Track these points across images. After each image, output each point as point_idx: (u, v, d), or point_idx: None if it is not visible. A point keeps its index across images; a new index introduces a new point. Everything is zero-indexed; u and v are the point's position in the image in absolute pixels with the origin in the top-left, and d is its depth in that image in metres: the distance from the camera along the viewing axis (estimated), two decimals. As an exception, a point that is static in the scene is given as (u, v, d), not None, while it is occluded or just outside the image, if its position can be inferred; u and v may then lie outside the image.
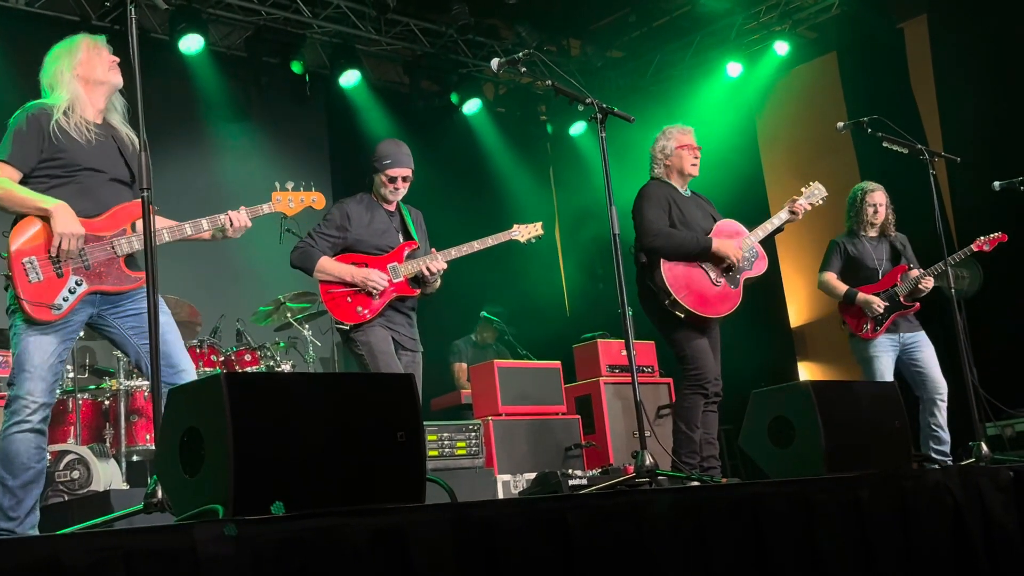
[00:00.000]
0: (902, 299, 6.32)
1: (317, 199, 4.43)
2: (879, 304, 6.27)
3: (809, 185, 5.93)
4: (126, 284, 3.80)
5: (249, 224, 4.08)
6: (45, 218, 3.65)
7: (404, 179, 5.25)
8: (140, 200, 3.21)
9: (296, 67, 9.28)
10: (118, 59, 3.97)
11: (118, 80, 3.98)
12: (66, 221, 3.64)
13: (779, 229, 5.81)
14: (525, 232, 5.54)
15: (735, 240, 5.58)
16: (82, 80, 3.91)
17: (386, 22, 9.42)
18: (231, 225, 4.01)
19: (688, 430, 5.39)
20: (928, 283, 6.30)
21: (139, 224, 3.68)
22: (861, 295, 6.31)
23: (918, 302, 6.37)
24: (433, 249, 5.27)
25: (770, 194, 10.18)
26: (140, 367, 4.03)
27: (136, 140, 3.86)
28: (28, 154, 3.73)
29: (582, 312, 10.92)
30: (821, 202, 5.90)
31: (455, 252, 5.25)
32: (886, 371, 6.27)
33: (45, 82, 3.95)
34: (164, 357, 3.77)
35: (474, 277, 8.16)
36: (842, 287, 6.40)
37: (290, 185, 4.35)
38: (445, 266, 5.20)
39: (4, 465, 3.59)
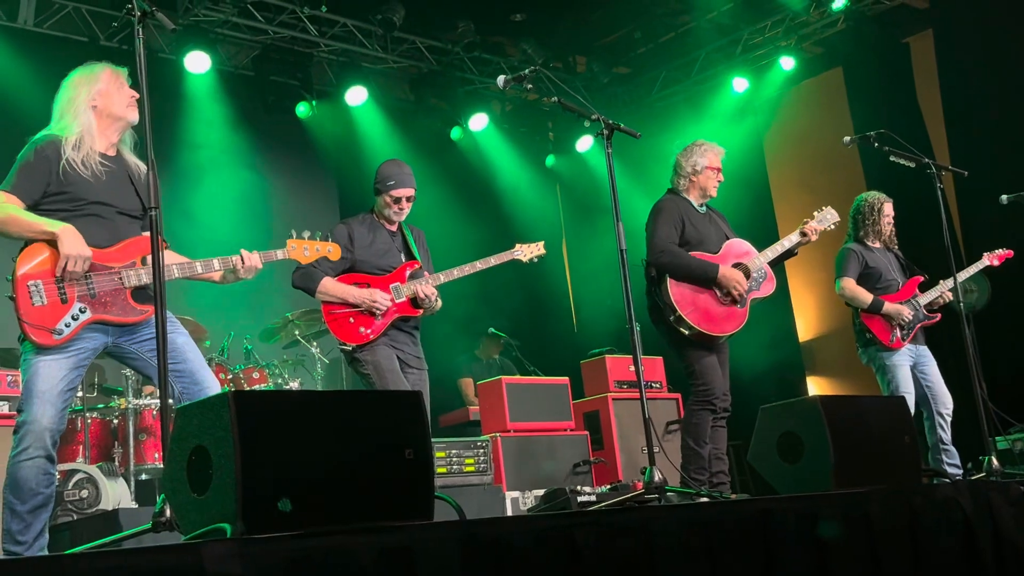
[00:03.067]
0: (924, 310, 6.31)
1: (333, 250, 4.38)
2: (908, 313, 6.25)
3: (822, 209, 5.89)
4: (131, 316, 3.76)
5: (260, 266, 4.02)
6: (53, 244, 3.63)
7: (408, 199, 5.25)
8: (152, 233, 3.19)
9: (302, 111, 9.37)
10: (137, 95, 3.86)
11: (135, 118, 3.91)
12: (72, 243, 3.62)
13: (791, 253, 5.76)
14: (527, 251, 5.52)
15: (745, 259, 5.56)
16: (99, 112, 3.86)
17: (392, 40, 9.46)
18: (242, 265, 3.96)
19: (697, 446, 5.37)
20: (949, 296, 6.30)
21: (150, 258, 3.58)
22: (889, 304, 6.23)
23: (940, 314, 6.37)
24: (426, 272, 5.26)
25: (777, 208, 10.19)
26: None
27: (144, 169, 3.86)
28: (33, 187, 3.70)
29: (590, 328, 10.91)
30: (833, 227, 5.88)
31: (457, 272, 5.23)
32: (908, 380, 6.22)
33: (57, 108, 3.89)
34: (188, 375, 3.81)
35: (482, 294, 8.16)
36: (868, 295, 6.26)
37: (306, 234, 4.29)
38: (433, 290, 5.17)
39: (13, 491, 3.57)
